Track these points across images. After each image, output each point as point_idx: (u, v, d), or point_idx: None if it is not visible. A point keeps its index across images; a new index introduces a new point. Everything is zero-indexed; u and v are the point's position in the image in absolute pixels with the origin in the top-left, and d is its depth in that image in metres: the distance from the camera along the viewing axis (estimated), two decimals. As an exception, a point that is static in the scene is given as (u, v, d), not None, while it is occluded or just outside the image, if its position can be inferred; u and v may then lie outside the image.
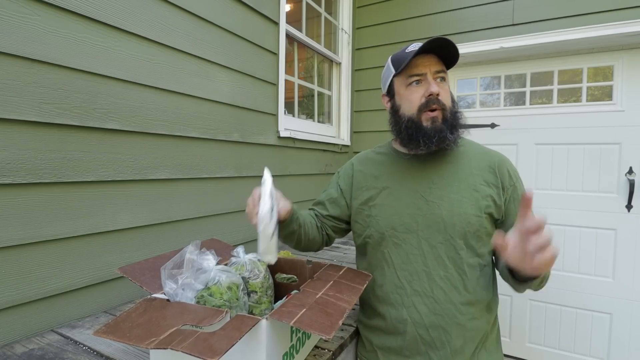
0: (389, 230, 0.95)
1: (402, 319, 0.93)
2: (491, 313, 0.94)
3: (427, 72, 0.90)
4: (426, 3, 2.28)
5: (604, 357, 2.04)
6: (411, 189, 0.96)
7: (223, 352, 0.49)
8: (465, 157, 0.95)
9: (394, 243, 0.95)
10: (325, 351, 0.88)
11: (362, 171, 1.06)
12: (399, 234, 0.94)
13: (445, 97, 0.91)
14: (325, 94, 2.45)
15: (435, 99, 0.89)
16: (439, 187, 0.93)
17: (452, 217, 0.89)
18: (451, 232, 0.89)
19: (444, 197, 0.91)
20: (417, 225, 0.93)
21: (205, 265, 0.78)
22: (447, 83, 0.94)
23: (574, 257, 2.09)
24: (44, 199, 0.93)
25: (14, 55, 0.85)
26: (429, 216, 0.92)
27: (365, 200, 1.01)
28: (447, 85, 0.94)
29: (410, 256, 0.93)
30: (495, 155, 0.96)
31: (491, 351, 0.93)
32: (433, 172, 0.95)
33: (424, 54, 0.90)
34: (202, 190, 1.40)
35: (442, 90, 0.90)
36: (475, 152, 0.96)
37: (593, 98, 2.07)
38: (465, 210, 0.89)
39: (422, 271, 0.92)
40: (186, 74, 1.30)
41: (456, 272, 0.89)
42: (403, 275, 0.94)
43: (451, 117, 0.91)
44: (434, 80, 0.90)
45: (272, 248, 0.72)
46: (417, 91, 0.91)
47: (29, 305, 0.92)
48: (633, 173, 1.94)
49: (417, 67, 0.91)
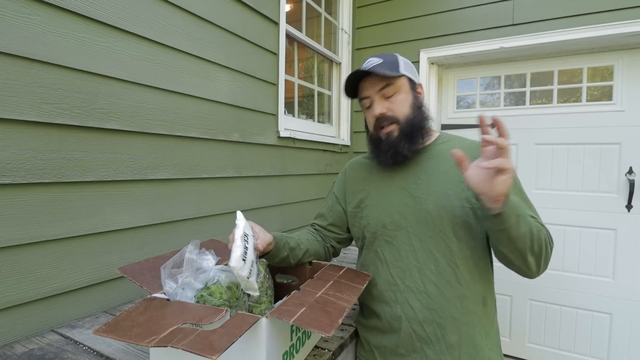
0: (380, 228, 0.98)
1: (397, 316, 0.93)
2: (487, 307, 0.93)
3: (371, 93, 0.94)
4: (426, 3, 2.28)
5: (604, 357, 2.04)
6: (398, 187, 0.98)
7: (223, 350, 0.49)
8: (449, 152, 0.95)
9: (386, 241, 0.97)
10: (326, 351, 0.88)
11: (354, 176, 1.10)
12: (390, 231, 0.96)
13: (396, 109, 0.93)
14: (325, 94, 2.46)
15: (383, 117, 0.93)
16: (425, 183, 0.94)
17: (439, 211, 0.90)
18: (440, 226, 0.90)
19: (430, 192, 0.92)
20: (407, 221, 0.94)
21: (204, 265, 0.78)
22: (402, 91, 0.93)
23: (574, 257, 2.09)
24: (44, 199, 0.93)
25: (14, 55, 0.85)
26: (417, 212, 0.93)
27: (358, 203, 1.05)
28: (400, 94, 0.93)
29: (401, 253, 0.94)
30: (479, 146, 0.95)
31: (490, 348, 0.93)
32: (419, 169, 0.96)
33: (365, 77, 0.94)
34: (202, 190, 1.40)
35: (391, 104, 0.93)
36: (461, 146, 0.96)
37: (593, 98, 2.07)
38: (451, 202, 0.89)
39: (413, 267, 0.92)
40: (186, 74, 1.30)
41: (448, 265, 0.90)
42: (396, 272, 0.95)
43: (408, 127, 0.93)
44: (382, 98, 0.93)
45: (252, 285, 0.76)
46: (370, 113, 0.97)
47: (29, 305, 0.92)
48: (633, 173, 1.94)
49: (362, 91, 0.96)
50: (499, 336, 0.98)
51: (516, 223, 0.74)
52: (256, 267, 0.79)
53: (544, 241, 0.80)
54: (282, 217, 1.88)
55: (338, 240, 1.13)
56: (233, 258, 0.71)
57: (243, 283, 0.74)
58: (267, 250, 0.90)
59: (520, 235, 0.75)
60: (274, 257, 0.93)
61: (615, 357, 2.01)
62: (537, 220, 0.86)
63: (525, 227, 0.75)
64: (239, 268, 0.71)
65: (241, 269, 0.71)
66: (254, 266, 0.78)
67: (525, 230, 0.76)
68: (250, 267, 0.75)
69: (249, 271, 0.74)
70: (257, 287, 0.78)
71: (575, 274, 2.09)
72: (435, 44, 2.26)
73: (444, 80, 2.44)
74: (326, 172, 2.28)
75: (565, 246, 2.10)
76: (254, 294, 0.78)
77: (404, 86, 0.95)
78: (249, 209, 1.63)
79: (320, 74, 2.41)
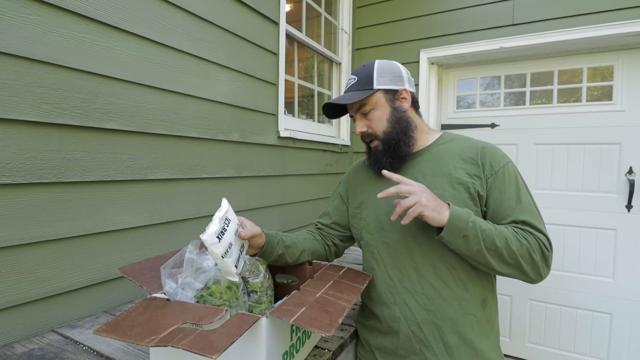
0: (378, 230, 0.98)
1: (395, 317, 0.93)
2: (486, 308, 0.93)
3: (352, 112, 1.01)
4: (426, 3, 2.28)
5: (604, 357, 2.04)
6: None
7: (223, 349, 0.49)
8: (449, 152, 0.96)
9: (383, 242, 0.97)
10: (326, 351, 0.88)
11: (356, 177, 1.12)
12: (387, 233, 0.96)
13: (374, 126, 0.97)
14: (325, 94, 2.46)
15: (364, 135, 1.00)
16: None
17: None
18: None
19: None
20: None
21: (205, 265, 0.78)
22: (378, 107, 0.96)
23: (574, 257, 2.09)
24: (44, 199, 0.93)
25: (14, 55, 0.85)
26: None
27: (358, 204, 1.06)
28: (376, 112, 0.96)
29: (399, 254, 0.95)
30: (479, 146, 0.94)
31: (490, 349, 0.93)
32: (417, 170, 0.96)
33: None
34: (202, 190, 1.40)
35: (369, 122, 0.97)
36: (460, 147, 0.96)
37: (593, 98, 2.07)
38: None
39: (411, 268, 0.93)
40: (186, 74, 1.30)
41: (444, 267, 0.90)
42: (393, 273, 0.95)
43: (388, 141, 0.96)
44: (361, 116, 0.99)
45: (228, 267, 0.74)
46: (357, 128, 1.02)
47: (29, 305, 0.92)
48: (633, 173, 1.94)
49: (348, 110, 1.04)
50: (499, 336, 0.98)
51: (463, 243, 0.80)
52: (237, 254, 0.78)
53: (520, 252, 0.81)
54: (282, 217, 1.88)
55: (341, 239, 1.13)
56: (206, 232, 0.70)
57: (218, 262, 0.73)
58: (259, 245, 0.90)
59: (473, 253, 0.82)
60: (269, 254, 0.93)
61: (615, 357, 2.01)
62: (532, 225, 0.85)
63: (475, 246, 0.80)
64: (210, 243, 0.70)
65: (214, 245, 0.70)
66: (233, 250, 0.77)
67: (477, 249, 0.80)
68: (226, 248, 0.74)
69: (225, 251, 0.73)
70: (234, 272, 0.76)
71: (575, 274, 2.09)
72: (435, 44, 2.26)
73: (444, 80, 2.44)
74: (326, 172, 2.28)
75: (565, 246, 2.10)
76: (232, 279, 0.76)
77: (379, 101, 0.96)
78: (249, 209, 1.63)
79: (320, 74, 2.41)
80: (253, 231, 0.86)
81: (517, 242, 0.81)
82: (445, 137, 1.01)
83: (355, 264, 1.61)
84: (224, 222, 0.76)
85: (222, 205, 0.80)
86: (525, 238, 0.82)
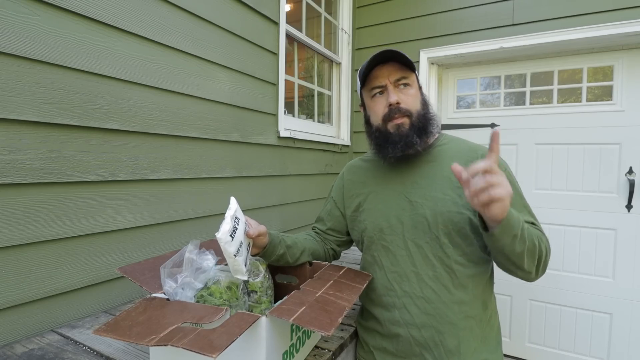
0: (377, 233, 0.97)
1: (395, 321, 0.93)
2: (487, 310, 0.93)
3: (387, 82, 0.92)
4: (426, 3, 2.28)
5: (604, 357, 2.04)
6: (396, 191, 0.97)
7: (223, 348, 0.49)
8: (448, 155, 0.95)
9: (383, 245, 0.96)
10: (326, 351, 0.88)
11: (351, 180, 1.09)
12: (387, 236, 0.96)
13: (410, 102, 0.92)
14: (325, 94, 2.46)
15: (396, 108, 0.91)
16: (422, 187, 0.93)
17: (436, 216, 0.89)
18: (436, 232, 0.89)
19: (427, 197, 0.91)
20: (403, 226, 0.93)
21: (204, 265, 0.78)
22: (414, 87, 0.94)
23: (574, 257, 2.09)
24: (44, 199, 0.93)
25: (14, 55, 0.85)
26: (414, 216, 0.92)
27: (356, 207, 1.05)
28: (412, 89, 0.93)
29: (398, 258, 0.94)
30: (480, 150, 0.94)
31: (491, 351, 0.93)
32: (416, 173, 0.95)
33: (382, 64, 0.92)
34: (202, 190, 1.40)
35: (405, 96, 0.92)
36: (459, 149, 0.96)
37: (593, 98, 2.07)
38: (448, 208, 0.88)
39: (410, 272, 0.92)
40: (186, 74, 1.30)
41: (444, 271, 0.89)
42: (393, 277, 0.94)
43: (419, 122, 0.92)
44: (397, 88, 0.92)
45: (239, 266, 0.75)
46: (380, 102, 0.94)
47: (29, 305, 0.92)
48: (633, 173, 1.94)
49: (376, 79, 0.93)
50: (500, 336, 0.98)
51: (510, 243, 0.74)
52: (245, 252, 0.79)
53: (544, 251, 0.81)
54: (282, 217, 1.88)
55: (338, 244, 1.13)
56: (221, 230, 0.71)
57: (230, 261, 0.73)
58: (262, 245, 0.90)
59: (515, 254, 0.76)
60: (270, 253, 0.93)
61: (615, 357, 2.01)
62: (537, 227, 0.86)
63: (520, 247, 0.75)
64: (225, 241, 0.70)
65: (228, 244, 0.71)
66: (243, 249, 0.77)
67: (522, 249, 0.76)
68: (238, 247, 0.74)
69: (237, 250, 0.73)
70: (244, 271, 0.76)
71: (575, 274, 2.09)
72: (435, 44, 2.26)
73: (444, 80, 2.44)
74: (326, 172, 2.28)
75: (565, 246, 2.10)
76: (241, 277, 0.76)
77: (415, 83, 0.95)
78: (249, 209, 1.63)
79: (320, 74, 2.42)
80: (260, 230, 0.86)
81: (539, 244, 0.80)
82: (442, 139, 1.00)
83: (355, 264, 1.61)
84: (234, 220, 0.76)
85: (231, 204, 0.79)
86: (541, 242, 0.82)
